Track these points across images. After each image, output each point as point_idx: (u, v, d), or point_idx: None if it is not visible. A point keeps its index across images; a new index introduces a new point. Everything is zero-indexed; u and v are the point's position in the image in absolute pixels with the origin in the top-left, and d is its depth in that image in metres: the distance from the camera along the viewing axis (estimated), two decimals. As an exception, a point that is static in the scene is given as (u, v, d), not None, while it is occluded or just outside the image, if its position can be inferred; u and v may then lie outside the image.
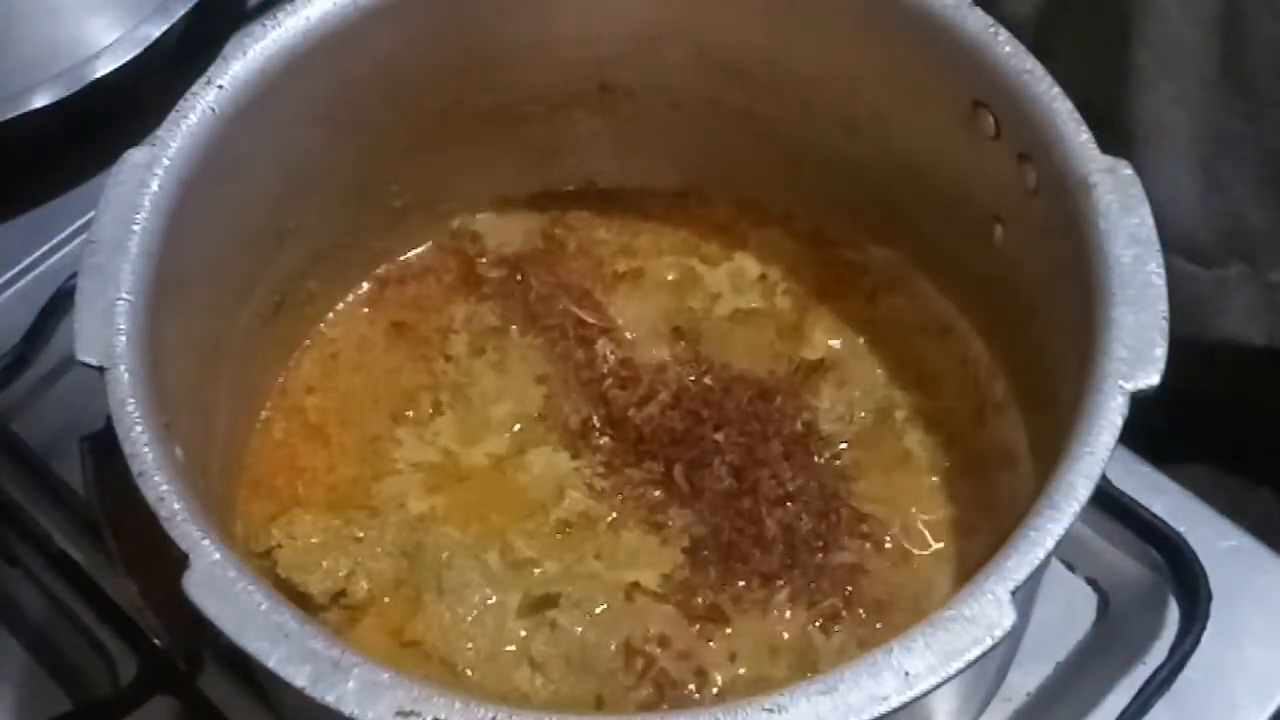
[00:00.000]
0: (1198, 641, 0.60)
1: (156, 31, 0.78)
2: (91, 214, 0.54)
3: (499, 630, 0.59)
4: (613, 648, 0.59)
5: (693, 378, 0.65)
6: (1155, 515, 0.63)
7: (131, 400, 0.49)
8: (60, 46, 0.79)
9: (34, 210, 0.78)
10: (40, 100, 0.75)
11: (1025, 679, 0.62)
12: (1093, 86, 0.54)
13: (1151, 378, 0.48)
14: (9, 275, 0.76)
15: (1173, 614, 0.62)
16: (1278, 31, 0.76)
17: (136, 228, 0.53)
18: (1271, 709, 0.61)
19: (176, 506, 0.48)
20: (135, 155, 0.55)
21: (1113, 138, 0.54)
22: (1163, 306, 0.50)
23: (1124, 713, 0.59)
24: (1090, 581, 0.65)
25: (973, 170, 0.59)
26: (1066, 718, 0.61)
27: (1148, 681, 0.59)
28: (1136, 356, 0.49)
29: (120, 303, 0.51)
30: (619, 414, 0.64)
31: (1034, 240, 0.57)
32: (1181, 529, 0.63)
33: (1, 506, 0.67)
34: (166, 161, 0.54)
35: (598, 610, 0.59)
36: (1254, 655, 0.62)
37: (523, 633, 0.59)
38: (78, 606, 0.65)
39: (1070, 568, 0.65)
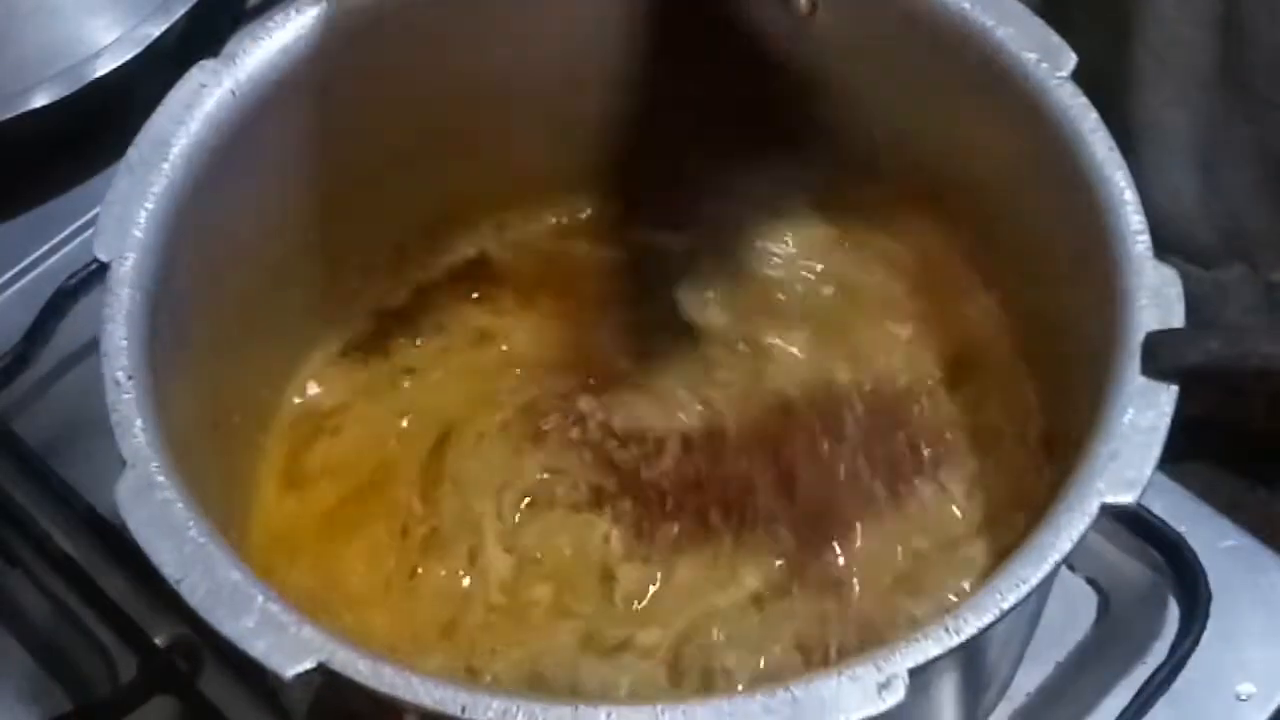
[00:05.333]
0: (1198, 641, 0.59)
1: (156, 31, 0.77)
2: (91, 214, 0.54)
3: None
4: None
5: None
6: (1155, 515, 0.63)
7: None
8: (60, 46, 0.79)
9: (34, 210, 0.78)
10: (40, 100, 0.75)
11: (1025, 679, 0.62)
12: (1093, 86, 0.54)
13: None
14: (9, 275, 0.76)
15: (1173, 614, 0.62)
16: (1277, 33, 0.76)
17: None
18: (1271, 709, 0.61)
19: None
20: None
21: (1113, 138, 0.54)
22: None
23: (1124, 713, 0.59)
24: (1090, 581, 0.65)
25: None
26: (1066, 718, 0.61)
27: (1148, 681, 0.59)
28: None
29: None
30: (631, 478, 0.62)
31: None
32: (1181, 529, 0.63)
33: (1, 506, 0.67)
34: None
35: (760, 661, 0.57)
36: (1254, 655, 0.62)
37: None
38: (78, 606, 0.64)
39: (1070, 568, 0.65)
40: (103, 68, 0.76)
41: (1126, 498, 0.46)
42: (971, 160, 0.60)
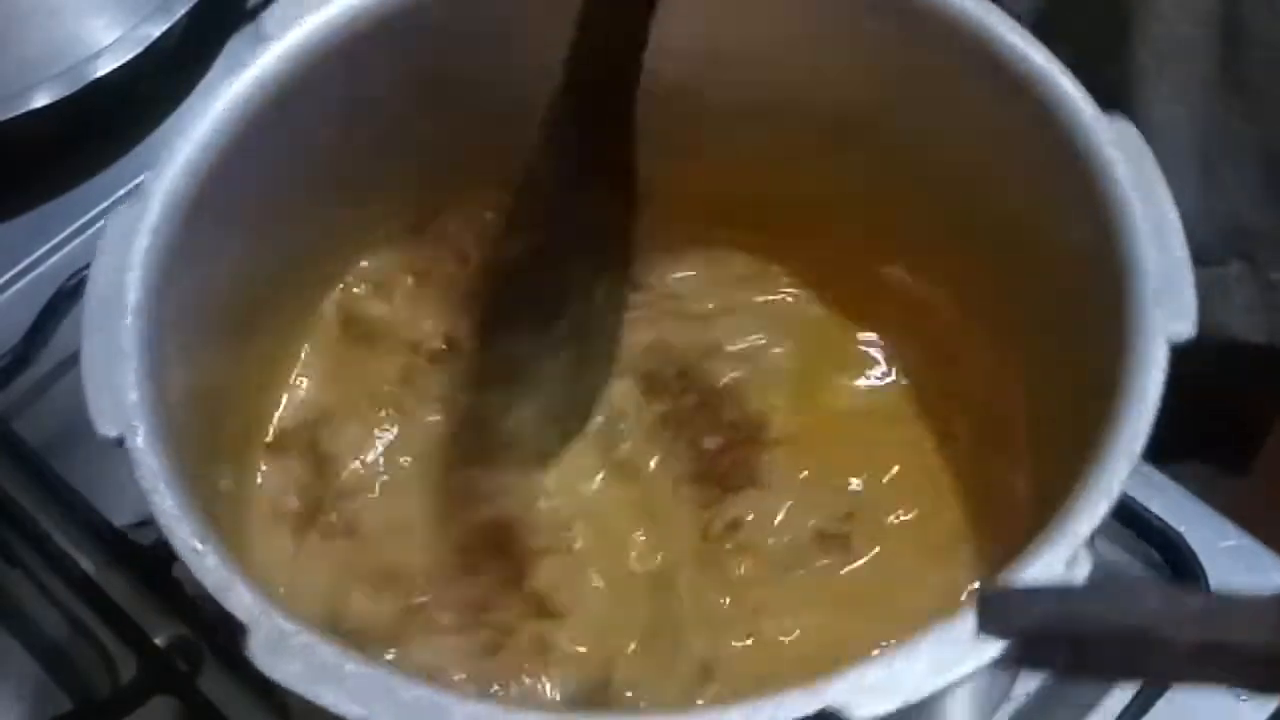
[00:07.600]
0: (1198, 641, 0.59)
1: (156, 31, 0.77)
2: (92, 213, 0.54)
3: None
4: None
5: None
6: (1155, 515, 0.63)
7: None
8: (60, 46, 0.79)
9: (34, 210, 0.78)
10: (40, 100, 0.75)
11: (1025, 680, 0.62)
12: (1093, 86, 0.54)
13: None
14: (9, 275, 0.76)
15: (1173, 614, 0.62)
16: (1277, 31, 0.76)
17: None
18: (1271, 709, 0.61)
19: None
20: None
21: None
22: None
23: (1124, 713, 0.59)
24: (1090, 581, 0.65)
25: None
26: (1066, 718, 0.61)
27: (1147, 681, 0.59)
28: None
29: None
30: None
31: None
32: (1181, 529, 0.63)
33: (1, 506, 0.67)
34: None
35: None
36: (1254, 655, 0.62)
37: None
38: (78, 606, 0.65)
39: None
40: (103, 68, 0.76)
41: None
42: (948, 141, 0.60)
